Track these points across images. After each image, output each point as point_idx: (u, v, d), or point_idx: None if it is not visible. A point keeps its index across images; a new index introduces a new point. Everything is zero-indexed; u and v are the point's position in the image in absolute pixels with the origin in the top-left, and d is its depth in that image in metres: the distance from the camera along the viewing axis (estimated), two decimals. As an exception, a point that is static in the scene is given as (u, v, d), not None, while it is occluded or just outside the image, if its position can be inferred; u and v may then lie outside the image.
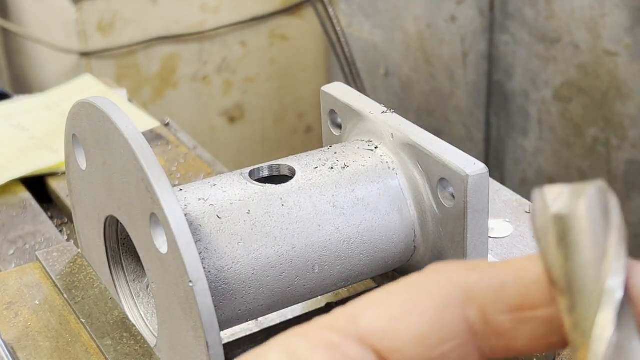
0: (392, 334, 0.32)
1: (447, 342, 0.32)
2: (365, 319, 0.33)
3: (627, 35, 1.58)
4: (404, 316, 0.32)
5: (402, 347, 0.32)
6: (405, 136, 0.61)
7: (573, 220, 0.30)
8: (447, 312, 0.32)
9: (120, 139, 0.58)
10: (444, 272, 0.33)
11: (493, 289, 0.33)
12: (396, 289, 0.33)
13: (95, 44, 1.86)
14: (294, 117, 2.21)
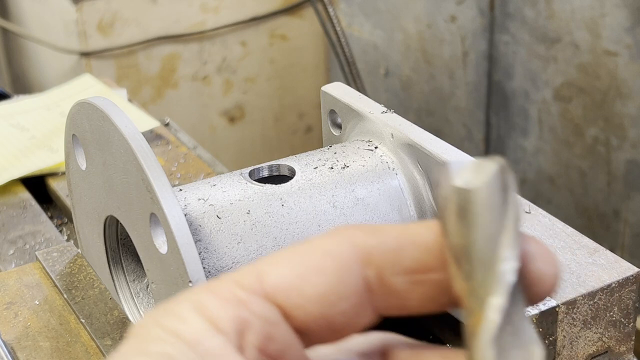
0: (295, 291, 0.34)
1: (346, 300, 0.35)
2: (270, 277, 0.35)
3: (627, 35, 1.58)
4: (307, 275, 0.34)
5: (305, 304, 0.34)
6: (405, 136, 0.61)
7: (474, 194, 0.31)
8: (347, 272, 0.34)
9: (120, 139, 0.58)
10: (347, 235, 0.35)
11: (390, 253, 0.35)
12: (301, 248, 0.35)
13: (95, 43, 1.86)
14: (294, 117, 2.21)
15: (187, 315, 0.34)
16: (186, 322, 0.34)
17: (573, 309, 0.61)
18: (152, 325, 0.35)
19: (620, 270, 0.63)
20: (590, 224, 1.75)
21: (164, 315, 0.35)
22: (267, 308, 0.35)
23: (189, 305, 0.35)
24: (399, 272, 0.35)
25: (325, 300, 0.35)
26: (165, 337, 0.34)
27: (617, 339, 0.64)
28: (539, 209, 0.71)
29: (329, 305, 0.35)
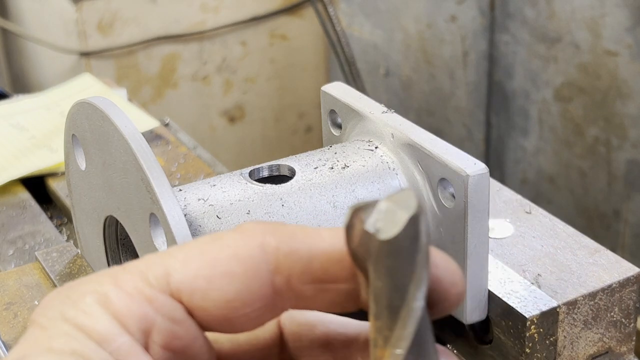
0: (200, 294, 0.34)
1: (251, 305, 0.35)
2: (177, 276, 0.34)
3: (628, 35, 1.57)
4: (214, 279, 0.34)
5: (209, 307, 0.34)
6: (405, 136, 0.61)
7: (383, 245, 0.31)
8: (255, 279, 0.34)
9: (119, 139, 0.58)
10: (258, 238, 0.35)
11: (301, 262, 0.35)
12: (212, 248, 0.35)
13: (95, 43, 1.86)
14: (294, 117, 2.20)
15: (94, 311, 0.34)
16: (93, 318, 0.33)
17: (574, 309, 0.60)
18: (57, 318, 0.34)
19: (621, 270, 0.63)
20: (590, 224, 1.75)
21: (69, 307, 0.34)
22: (173, 307, 0.34)
23: (95, 299, 0.34)
24: (307, 281, 0.35)
25: (230, 306, 0.34)
26: (72, 333, 0.33)
27: (617, 339, 0.64)
28: (539, 209, 0.71)
29: (233, 311, 0.34)
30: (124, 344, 0.33)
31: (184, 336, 0.35)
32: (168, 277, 0.35)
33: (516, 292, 0.60)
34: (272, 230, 0.35)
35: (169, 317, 0.34)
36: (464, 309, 0.58)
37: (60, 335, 0.33)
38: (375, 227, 0.31)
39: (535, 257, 0.65)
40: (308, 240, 0.35)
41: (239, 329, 0.36)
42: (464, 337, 0.63)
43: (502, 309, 0.59)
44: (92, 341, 0.33)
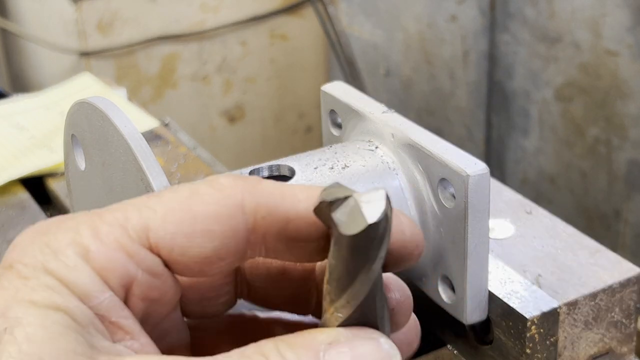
0: (179, 250, 0.35)
1: (226, 260, 0.36)
2: (157, 232, 0.35)
3: (629, 35, 1.57)
4: (193, 236, 0.35)
5: (187, 262, 0.35)
6: (405, 136, 0.61)
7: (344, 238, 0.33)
8: (234, 237, 0.35)
9: (119, 139, 0.58)
10: (237, 196, 0.36)
11: (278, 224, 0.36)
12: (189, 202, 0.35)
13: (95, 43, 1.86)
14: (294, 117, 2.20)
15: (77, 265, 0.34)
16: (76, 273, 0.33)
17: (574, 310, 0.60)
18: (38, 269, 0.33)
19: (621, 270, 0.63)
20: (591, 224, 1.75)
21: (50, 258, 0.34)
22: (153, 261, 0.35)
23: (76, 251, 0.34)
24: (282, 239, 0.36)
25: (207, 262, 0.36)
26: (55, 287, 0.33)
27: (618, 339, 0.63)
28: (539, 209, 0.71)
29: (208, 264, 0.36)
30: (106, 300, 0.34)
31: (161, 287, 0.36)
32: (147, 232, 0.35)
33: (517, 293, 0.59)
34: (251, 190, 0.36)
35: (149, 271, 0.35)
36: (464, 309, 0.58)
37: (42, 289, 0.33)
38: (339, 219, 0.33)
39: (535, 258, 0.65)
40: (285, 202, 0.36)
41: (209, 275, 0.37)
42: (464, 337, 0.63)
43: (502, 310, 0.59)
44: (75, 296, 0.33)
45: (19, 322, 0.32)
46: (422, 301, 0.61)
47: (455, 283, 0.57)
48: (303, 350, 0.34)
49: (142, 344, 0.34)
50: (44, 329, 0.32)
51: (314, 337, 0.35)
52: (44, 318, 0.32)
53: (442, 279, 0.59)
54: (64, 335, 0.32)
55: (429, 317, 0.64)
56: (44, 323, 0.32)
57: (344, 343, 0.34)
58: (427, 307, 0.62)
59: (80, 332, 0.32)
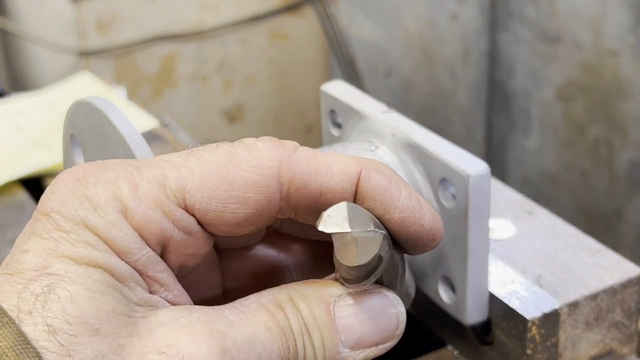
0: (214, 214, 0.36)
1: (258, 225, 0.37)
2: (195, 194, 0.36)
3: (630, 34, 1.57)
4: (229, 202, 0.36)
5: (220, 225, 0.36)
6: (405, 136, 0.61)
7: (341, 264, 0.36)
8: (268, 206, 0.37)
9: (118, 139, 0.58)
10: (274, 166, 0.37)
11: (310, 198, 0.37)
12: (227, 168, 0.36)
13: (94, 43, 1.86)
14: (294, 117, 2.20)
15: (116, 220, 0.34)
16: (116, 229, 0.34)
17: (575, 311, 0.60)
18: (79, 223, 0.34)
19: (622, 271, 0.63)
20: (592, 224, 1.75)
21: (91, 213, 0.34)
22: (189, 221, 0.36)
23: (115, 207, 0.35)
24: (312, 211, 0.38)
25: (239, 225, 0.37)
26: (95, 244, 0.34)
27: (619, 340, 0.63)
28: (540, 209, 0.70)
29: (240, 228, 0.37)
30: (144, 257, 0.35)
31: (196, 244, 0.37)
32: (184, 193, 0.36)
33: (517, 293, 0.59)
34: (288, 159, 0.37)
35: (185, 230, 0.36)
36: (464, 309, 0.58)
37: (83, 245, 0.33)
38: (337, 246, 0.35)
39: (536, 258, 0.64)
40: (319, 177, 0.37)
41: (239, 235, 0.38)
42: (464, 338, 0.63)
43: (503, 310, 0.59)
44: (114, 253, 0.34)
45: (61, 279, 0.32)
46: (422, 301, 0.61)
47: (455, 283, 0.57)
48: (315, 301, 0.36)
49: (176, 294, 0.36)
50: (85, 289, 0.32)
51: (325, 289, 0.37)
52: (86, 276, 0.33)
53: (443, 279, 0.58)
54: (104, 295, 0.33)
55: (429, 317, 0.64)
56: (86, 282, 0.33)
57: (352, 296, 0.37)
58: (427, 308, 0.62)
59: (119, 288, 0.33)
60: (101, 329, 0.32)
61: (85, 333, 0.31)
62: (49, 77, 1.97)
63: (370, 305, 0.37)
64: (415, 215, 0.38)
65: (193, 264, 0.38)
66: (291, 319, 0.35)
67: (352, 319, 0.36)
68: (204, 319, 0.34)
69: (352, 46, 1.95)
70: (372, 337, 0.37)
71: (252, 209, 0.36)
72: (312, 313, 0.36)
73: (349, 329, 0.36)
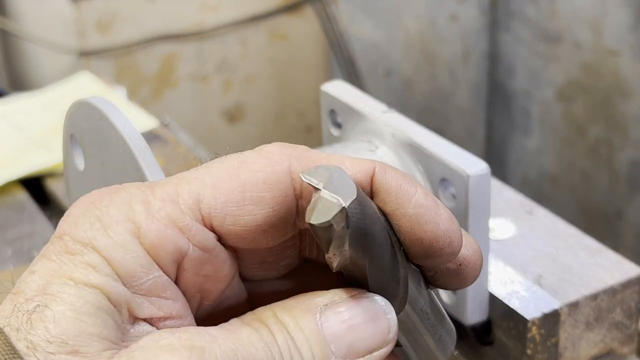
0: (231, 219, 0.35)
1: (278, 227, 0.36)
2: (209, 201, 0.35)
3: (630, 34, 1.57)
4: (244, 204, 0.35)
5: (239, 231, 0.35)
6: (405, 136, 0.61)
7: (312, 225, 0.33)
8: (284, 203, 0.36)
9: (118, 139, 0.58)
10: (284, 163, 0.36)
11: None
12: (238, 172, 0.36)
13: (94, 43, 1.86)
14: (294, 117, 2.20)
15: (125, 241, 0.34)
16: (123, 249, 0.34)
17: (575, 311, 0.60)
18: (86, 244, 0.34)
19: (622, 271, 0.63)
20: (592, 224, 1.75)
21: (100, 235, 0.34)
22: (205, 235, 0.35)
23: (127, 227, 0.34)
24: None
25: (259, 229, 0.36)
26: (98, 265, 0.33)
27: (619, 340, 0.63)
28: (540, 209, 0.70)
29: (261, 232, 0.36)
30: (150, 280, 0.34)
31: (215, 261, 0.36)
32: (199, 204, 0.35)
33: (517, 293, 0.59)
34: (298, 157, 0.36)
35: (201, 246, 0.35)
36: (465, 310, 0.57)
37: (84, 266, 0.33)
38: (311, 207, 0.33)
39: (536, 258, 0.64)
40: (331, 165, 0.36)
41: (263, 246, 0.37)
42: (465, 338, 0.63)
43: (503, 311, 0.58)
44: (115, 275, 0.33)
45: (53, 299, 0.33)
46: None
47: (455, 284, 0.57)
48: (300, 313, 0.35)
49: (179, 322, 0.35)
50: (73, 309, 0.32)
51: (311, 299, 0.35)
52: (77, 297, 0.33)
53: (443, 279, 0.58)
54: (92, 317, 0.32)
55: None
56: (75, 303, 0.32)
57: (339, 303, 0.35)
58: (427, 308, 0.62)
59: (112, 313, 0.33)
60: (80, 350, 0.32)
61: (64, 352, 0.32)
62: (49, 77, 1.97)
63: (358, 311, 0.35)
64: (431, 212, 0.36)
65: (217, 287, 0.37)
66: (276, 334, 0.34)
67: (340, 326, 0.35)
68: (184, 336, 0.33)
69: (352, 46, 1.95)
70: (364, 344, 0.35)
71: (269, 208, 0.36)
72: (298, 326, 0.34)
73: (338, 338, 0.35)
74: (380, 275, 0.36)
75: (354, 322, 0.35)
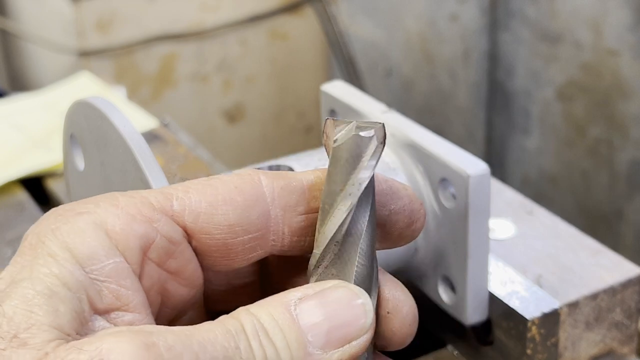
0: (204, 217, 0.36)
1: (250, 233, 0.37)
2: (182, 200, 0.36)
3: (630, 34, 1.57)
4: (218, 204, 0.36)
5: (212, 230, 0.36)
6: (405, 136, 0.61)
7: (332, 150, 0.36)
8: (256, 207, 0.37)
9: (118, 139, 0.58)
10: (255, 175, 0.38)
11: (297, 193, 0.38)
12: (211, 182, 0.37)
13: (94, 43, 1.86)
14: (294, 117, 2.20)
15: (86, 227, 0.34)
16: (83, 235, 0.34)
17: (575, 311, 0.60)
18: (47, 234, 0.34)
19: (622, 271, 0.63)
20: (592, 224, 1.75)
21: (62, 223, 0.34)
22: (173, 228, 0.36)
23: (92, 219, 0.35)
24: (302, 211, 0.38)
25: (231, 230, 0.37)
26: (57, 253, 0.34)
27: (619, 340, 0.63)
28: (540, 209, 0.70)
29: (233, 235, 0.37)
30: (109, 265, 0.34)
31: (180, 257, 0.36)
32: (171, 201, 0.36)
33: (517, 293, 0.59)
34: (264, 173, 0.38)
35: (168, 237, 0.36)
36: (465, 310, 0.58)
37: (44, 256, 0.34)
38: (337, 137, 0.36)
39: (536, 258, 0.64)
40: (299, 176, 0.39)
41: (233, 258, 0.38)
42: (464, 338, 0.63)
43: (503, 310, 0.58)
44: (74, 260, 0.33)
45: (7, 296, 0.33)
46: (423, 301, 0.61)
47: (455, 283, 0.57)
48: (273, 306, 0.35)
49: (137, 317, 0.35)
50: (24, 302, 0.33)
51: (284, 295, 0.36)
52: (30, 289, 0.33)
53: (443, 279, 0.58)
54: (43, 307, 0.32)
55: (429, 317, 0.64)
56: (27, 295, 0.33)
57: (312, 295, 0.35)
58: (427, 308, 0.62)
59: (68, 300, 0.33)
60: (29, 342, 0.32)
61: (15, 346, 0.32)
62: (49, 77, 1.97)
63: (332, 298, 0.35)
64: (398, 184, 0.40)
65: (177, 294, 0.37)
66: (244, 322, 0.34)
67: (315, 315, 0.35)
68: (137, 328, 0.33)
69: (352, 46, 1.95)
70: (341, 332, 0.35)
71: (241, 210, 0.37)
72: (270, 316, 0.34)
73: (315, 326, 0.35)
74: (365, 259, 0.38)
75: (328, 309, 0.35)
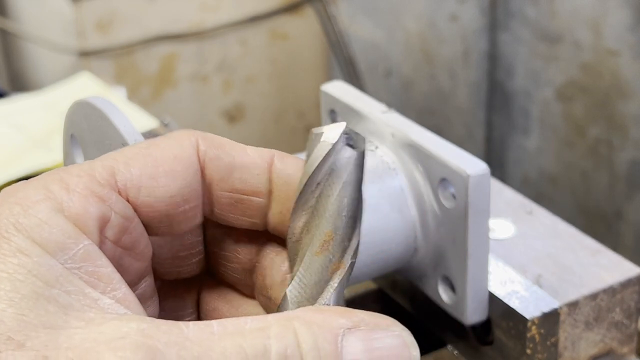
0: (146, 190, 0.37)
1: (190, 202, 0.38)
2: (124, 175, 0.37)
3: (630, 35, 1.57)
4: (158, 176, 0.37)
5: (154, 203, 0.37)
6: (405, 136, 0.61)
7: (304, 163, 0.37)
8: (194, 176, 0.38)
9: (118, 139, 0.58)
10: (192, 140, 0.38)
11: (223, 170, 0.39)
12: (150, 151, 0.38)
13: (94, 43, 1.86)
14: (294, 117, 2.20)
15: (49, 217, 0.34)
16: (48, 226, 0.33)
17: (575, 310, 0.60)
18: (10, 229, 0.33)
19: (622, 271, 0.63)
20: (592, 224, 1.75)
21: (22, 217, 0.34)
22: (124, 204, 0.36)
23: (50, 206, 0.34)
24: (225, 188, 0.39)
25: (172, 201, 0.37)
26: (26, 248, 0.33)
27: (619, 340, 0.63)
28: (540, 209, 0.70)
29: (175, 205, 0.38)
30: (81, 250, 0.34)
31: (133, 232, 0.37)
32: (114, 176, 0.36)
33: (517, 293, 0.59)
34: (203, 137, 0.39)
35: (122, 214, 0.36)
36: (464, 309, 0.58)
37: (14, 253, 0.33)
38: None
39: (536, 258, 0.64)
40: (233, 152, 0.39)
41: (175, 228, 0.39)
42: (464, 338, 0.63)
43: (502, 310, 0.58)
44: (46, 253, 0.33)
45: None
46: (423, 301, 0.61)
47: (455, 283, 0.57)
48: (321, 332, 0.32)
49: (124, 293, 0.34)
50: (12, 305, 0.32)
51: (335, 319, 0.33)
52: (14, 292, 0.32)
53: (443, 279, 0.58)
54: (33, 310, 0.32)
55: (429, 317, 0.64)
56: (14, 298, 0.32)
57: (364, 331, 0.33)
58: (427, 308, 0.62)
59: (52, 297, 0.32)
60: (26, 344, 0.31)
61: (11, 348, 0.31)
62: (49, 77, 1.97)
63: (383, 344, 0.33)
64: None
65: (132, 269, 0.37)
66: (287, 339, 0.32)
67: (359, 354, 0.32)
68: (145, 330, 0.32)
69: (352, 46, 1.95)
70: None
71: (181, 180, 0.37)
72: (315, 342, 0.32)
73: None
74: None
75: (375, 355, 0.33)
